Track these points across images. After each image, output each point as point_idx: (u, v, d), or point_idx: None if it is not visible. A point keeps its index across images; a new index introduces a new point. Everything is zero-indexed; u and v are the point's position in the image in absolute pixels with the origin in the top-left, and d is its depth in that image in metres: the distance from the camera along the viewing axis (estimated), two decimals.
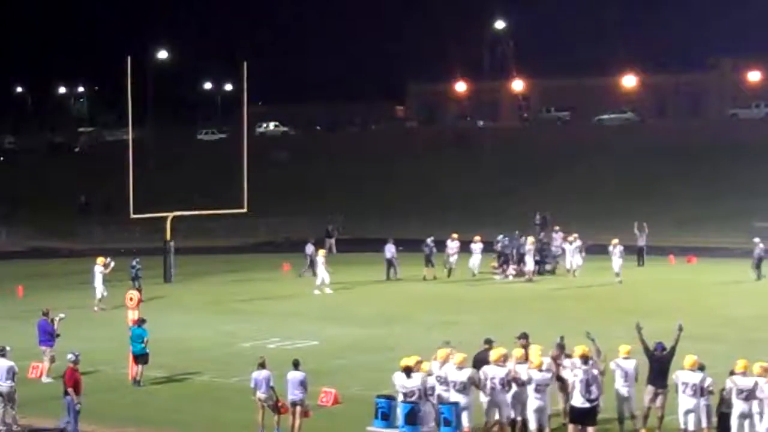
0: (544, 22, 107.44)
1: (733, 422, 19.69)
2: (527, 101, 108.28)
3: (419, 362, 20.80)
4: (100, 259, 40.79)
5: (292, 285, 46.22)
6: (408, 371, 20.56)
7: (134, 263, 43.09)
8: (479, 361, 21.68)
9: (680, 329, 21.80)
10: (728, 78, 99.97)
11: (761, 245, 46.08)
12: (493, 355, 21.18)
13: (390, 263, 47.37)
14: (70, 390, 21.67)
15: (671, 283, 45.81)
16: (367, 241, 63.26)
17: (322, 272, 43.20)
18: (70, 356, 22.27)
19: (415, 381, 20.47)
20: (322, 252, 44.40)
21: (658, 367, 21.27)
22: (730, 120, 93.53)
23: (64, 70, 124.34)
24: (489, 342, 22.40)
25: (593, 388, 20.15)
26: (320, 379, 24.74)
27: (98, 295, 39.76)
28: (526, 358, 21.21)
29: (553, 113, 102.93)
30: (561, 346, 22.23)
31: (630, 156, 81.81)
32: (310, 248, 47.97)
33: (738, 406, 19.64)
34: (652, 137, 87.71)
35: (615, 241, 46.01)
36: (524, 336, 23.12)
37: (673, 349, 21.56)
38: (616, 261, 45.43)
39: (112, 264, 40.90)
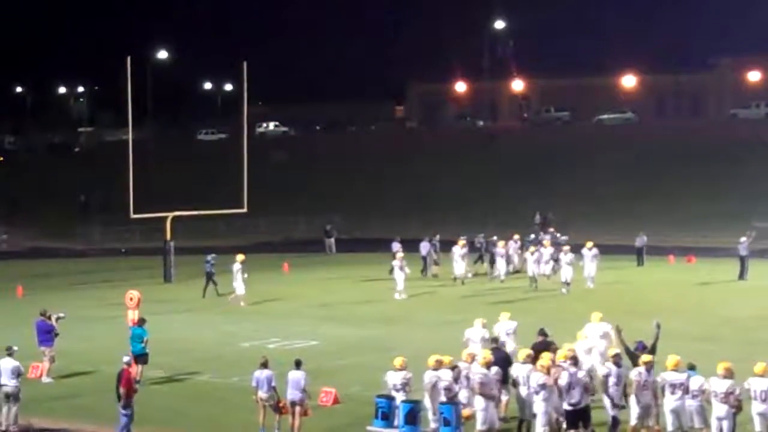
0: (544, 22, 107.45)
1: (713, 423, 19.80)
2: (527, 101, 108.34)
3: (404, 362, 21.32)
4: (240, 256, 40.66)
5: (292, 285, 46.22)
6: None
7: (209, 258, 43.28)
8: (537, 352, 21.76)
9: (658, 327, 21.98)
10: (728, 78, 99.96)
11: (746, 245, 46.17)
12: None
13: (425, 260, 47.93)
14: (130, 391, 21.59)
15: (671, 283, 45.81)
16: (367, 241, 63.30)
17: (399, 276, 41.68)
18: (127, 359, 22.34)
19: (393, 378, 21.08)
20: (399, 256, 43.00)
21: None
22: (730, 120, 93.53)
23: (64, 70, 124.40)
24: (544, 333, 23.14)
25: (574, 392, 20.11)
26: (320, 379, 24.72)
27: (240, 291, 39.96)
28: (534, 359, 21.23)
29: (553, 113, 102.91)
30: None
31: (630, 156, 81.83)
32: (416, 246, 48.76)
33: (716, 408, 19.73)
34: (652, 137, 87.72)
35: (590, 244, 44.70)
36: (541, 332, 23.38)
37: (654, 347, 21.67)
38: (589, 265, 43.98)
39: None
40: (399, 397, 21.02)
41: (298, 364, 21.70)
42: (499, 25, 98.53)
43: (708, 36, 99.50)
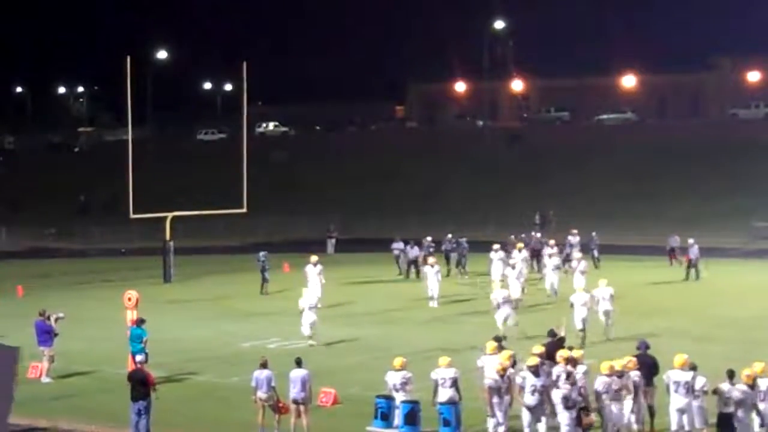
0: (544, 22, 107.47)
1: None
2: (527, 101, 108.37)
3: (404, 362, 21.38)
4: (314, 257, 39.81)
5: (292, 285, 46.14)
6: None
7: (261, 256, 43.18)
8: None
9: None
10: (728, 78, 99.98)
11: (696, 247, 46.14)
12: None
13: (414, 262, 47.67)
14: (154, 389, 21.62)
15: (671, 283, 45.78)
16: (367, 241, 63.30)
17: (433, 282, 39.35)
18: (140, 358, 22.41)
19: (393, 378, 21.14)
20: (431, 260, 40.74)
21: (643, 365, 21.26)
22: (730, 120, 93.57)
23: (64, 70, 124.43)
24: (553, 333, 23.35)
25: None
26: (320, 379, 24.71)
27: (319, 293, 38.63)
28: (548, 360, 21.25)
29: (553, 113, 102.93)
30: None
31: (630, 156, 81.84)
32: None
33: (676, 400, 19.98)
34: (652, 137, 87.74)
35: (496, 246, 43.51)
36: (551, 333, 23.50)
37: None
38: (496, 266, 42.47)
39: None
40: (399, 397, 21.02)
41: (299, 363, 21.69)
42: (499, 25, 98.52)
43: (708, 36, 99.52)
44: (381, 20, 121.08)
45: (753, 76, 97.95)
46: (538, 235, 51.63)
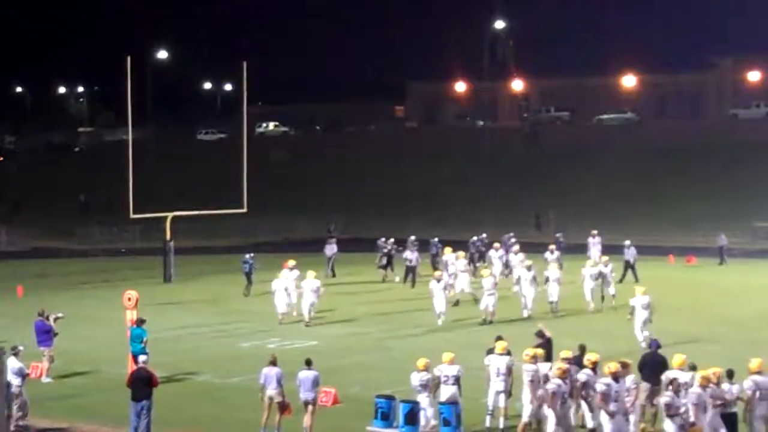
0: (544, 22, 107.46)
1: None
2: (527, 101, 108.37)
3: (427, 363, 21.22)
4: (291, 262, 38.05)
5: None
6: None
7: (247, 257, 43.06)
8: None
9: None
10: (728, 78, 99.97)
11: (633, 249, 45.92)
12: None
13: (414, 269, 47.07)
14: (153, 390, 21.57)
15: (671, 283, 45.76)
16: (367, 241, 63.24)
17: (439, 297, 35.48)
18: (143, 358, 22.44)
19: (413, 379, 21.07)
20: (437, 274, 37.40)
21: (652, 364, 21.25)
22: (730, 120, 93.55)
23: (64, 70, 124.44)
24: (542, 335, 23.50)
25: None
26: (320, 378, 24.70)
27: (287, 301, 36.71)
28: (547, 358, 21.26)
29: (553, 113, 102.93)
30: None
31: (630, 156, 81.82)
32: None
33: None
34: (652, 137, 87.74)
35: (461, 253, 42.25)
36: (539, 334, 23.48)
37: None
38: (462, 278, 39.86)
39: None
40: (421, 397, 20.93)
41: (308, 363, 21.64)
42: (499, 25, 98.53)
43: (708, 36, 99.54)
44: (381, 20, 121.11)
45: (753, 76, 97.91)
46: (511, 235, 50.88)
